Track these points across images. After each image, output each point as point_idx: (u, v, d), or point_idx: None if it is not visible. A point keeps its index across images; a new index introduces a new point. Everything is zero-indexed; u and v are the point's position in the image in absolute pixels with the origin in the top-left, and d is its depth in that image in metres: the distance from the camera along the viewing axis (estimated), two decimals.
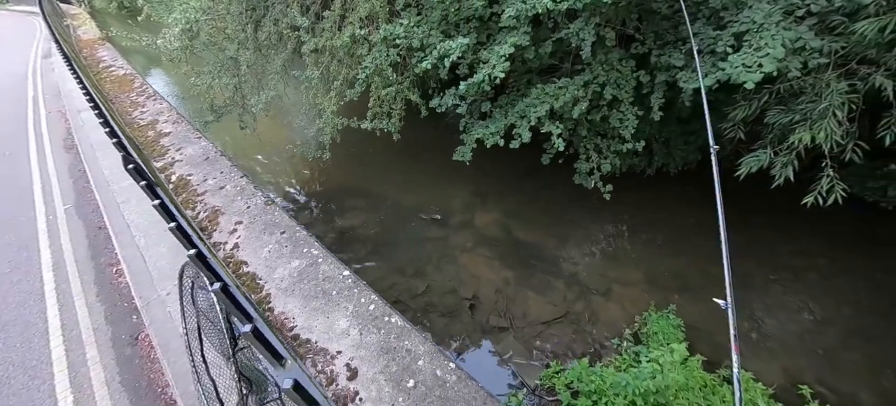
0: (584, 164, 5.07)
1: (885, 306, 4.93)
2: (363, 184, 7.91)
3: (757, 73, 2.76)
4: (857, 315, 4.92)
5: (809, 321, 4.94)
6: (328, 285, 4.07)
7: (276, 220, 4.82)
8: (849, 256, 5.54)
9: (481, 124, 4.97)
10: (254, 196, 5.13)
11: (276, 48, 6.62)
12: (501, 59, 3.64)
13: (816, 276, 5.45)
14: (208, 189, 5.27)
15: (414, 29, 4.12)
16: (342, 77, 5.89)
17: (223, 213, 4.82)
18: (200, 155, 6.06)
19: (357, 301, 3.92)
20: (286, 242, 4.54)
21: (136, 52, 16.30)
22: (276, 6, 6.14)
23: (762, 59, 2.79)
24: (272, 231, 4.67)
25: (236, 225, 4.68)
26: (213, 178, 5.46)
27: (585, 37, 3.66)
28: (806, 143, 3.47)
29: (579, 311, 5.19)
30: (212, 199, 5.09)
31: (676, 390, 3.45)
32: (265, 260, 4.30)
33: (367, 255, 6.36)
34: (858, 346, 4.55)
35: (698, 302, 5.16)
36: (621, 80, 4.22)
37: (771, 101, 3.82)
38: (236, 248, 4.40)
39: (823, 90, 3.40)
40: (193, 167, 5.76)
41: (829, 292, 5.21)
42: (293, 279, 4.11)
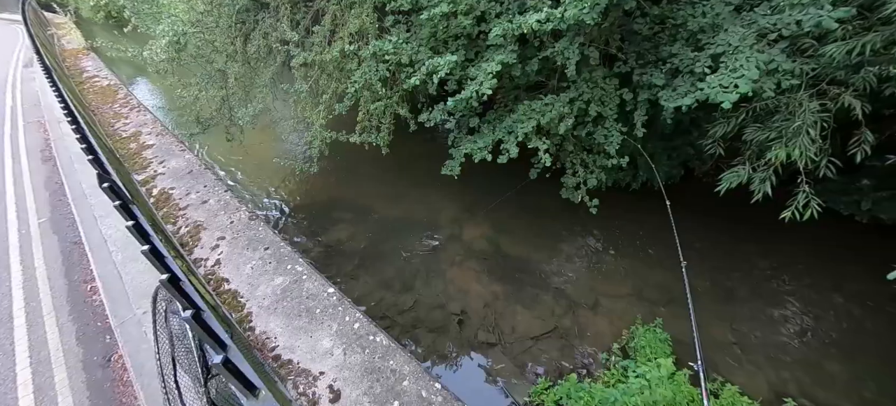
0: (571, 178, 5.13)
1: (861, 318, 5.05)
2: (349, 197, 7.85)
3: (733, 94, 2.86)
4: (835, 327, 5.03)
5: (791, 333, 5.02)
6: (312, 303, 3.98)
7: (260, 235, 4.71)
8: (826, 269, 5.68)
9: (469, 139, 5.01)
10: (238, 211, 5.02)
11: (265, 61, 6.61)
12: (488, 76, 3.70)
13: (796, 288, 5.56)
14: (191, 203, 5.13)
15: (403, 45, 4.17)
16: (331, 91, 5.90)
17: (205, 228, 4.68)
18: (184, 168, 5.93)
19: (341, 319, 3.84)
20: (270, 259, 4.44)
21: (122, 62, 16.07)
22: (266, 20, 6.16)
23: (738, 81, 2.90)
24: (256, 247, 4.56)
25: (219, 241, 4.54)
26: (196, 191, 5.32)
27: (570, 55, 3.76)
28: (782, 160, 3.58)
29: (568, 325, 5.18)
30: (194, 214, 4.94)
31: (664, 404, 3.44)
32: (248, 277, 4.19)
33: (354, 270, 6.27)
34: (838, 358, 4.64)
35: (683, 315, 5.20)
36: (605, 98, 4.32)
37: (748, 119, 3.96)
38: (218, 265, 4.26)
39: (797, 109, 3.54)
40: (176, 180, 5.61)
41: (808, 304, 5.32)
42: (276, 297, 4.01)
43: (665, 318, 4.90)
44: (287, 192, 8.15)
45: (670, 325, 4.83)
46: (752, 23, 3.18)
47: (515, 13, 4.09)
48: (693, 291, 5.55)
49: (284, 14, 5.71)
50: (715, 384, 4.13)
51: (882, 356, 4.57)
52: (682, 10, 3.87)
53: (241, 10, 6.23)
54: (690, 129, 5.59)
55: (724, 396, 3.82)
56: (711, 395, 3.98)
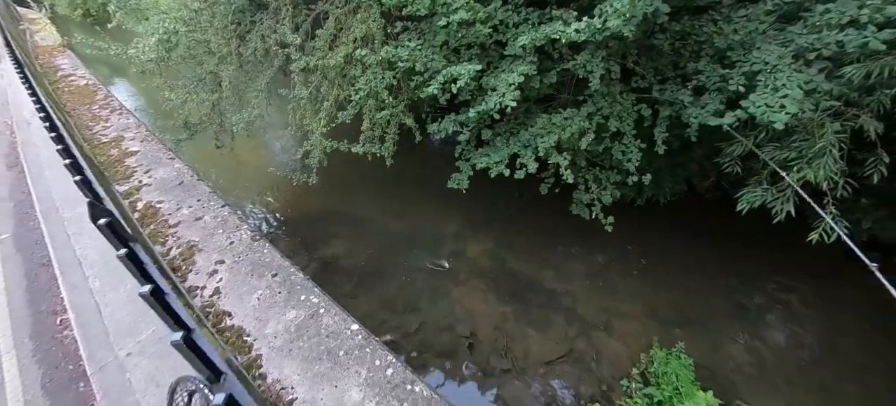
0: (585, 194, 4.97)
1: (868, 336, 5.01)
2: (345, 210, 7.49)
3: (782, 114, 2.74)
4: (846, 345, 4.96)
5: (804, 352, 4.94)
6: (333, 343, 3.38)
7: (266, 259, 4.15)
8: (831, 287, 5.66)
9: (481, 152, 4.79)
10: (238, 229, 4.50)
11: (262, 65, 6.25)
12: (511, 88, 3.49)
13: (804, 306, 5.51)
14: (182, 220, 4.58)
15: (417, 52, 3.93)
16: (332, 98, 5.60)
17: (200, 249, 4.13)
18: (173, 179, 5.41)
19: (371, 364, 3.24)
20: (279, 288, 3.82)
21: (99, 62, 15.27)
22: (265, 21, 5.83)
23: (784, 101, 2.78)
24: (262, 273, 3.96)
25: (217, 265, 3.97)
26: (188, 206, 4.79)
27: (594, 69, 3.60)
28: (809, 180, 3.48)
29: (582, 348, 4.96)
30: (187, 233, 4.39)
31: None
32: (254, 310, 3.58)
33: (353, 289, 5.91)
34: (852, 377, 4.56)
35: (700, 336, 5.07)
36: (623, 113, 4.18)
37: (765, 139, 3.90)
38: (217, 295, 3.68)
39: (816, 130, 3.48)
40: (165, 193, 5.08)
41: (817, 322, 5.27)
42: (290, 335, 3.39)
43: (683, 340, 4.74)
44: (278, 203, 7.73)
45: (689, 347, 4.67)
46: (788, 42, 3.08)
47: (535, 23, 3.91)
48: (707, 312, 5.47)
49: (286, 15, 5.40)
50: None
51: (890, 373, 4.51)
52: (707, 27, 3.77)
53: (237, 10, 5.89)
54: (694, 147, 5.55)
55: None
56: None
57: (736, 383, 4.48)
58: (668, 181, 5.93)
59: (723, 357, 4.84)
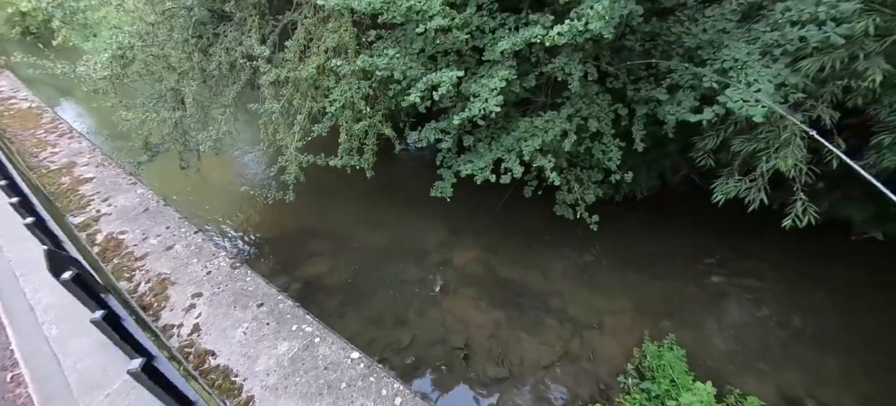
0: (568, 195, 5.00)
1: (840, 311, 5.31)
2: (324, 225, 7.22)
3: (759, 107, 2.84)
4: (823, 322, 5.23)
5: (785, 332, 5.15)
6: (333, 375, 3.10)
7: (249, 287, 3.75)
8: (802, 268, 5.96)
9: (464, 159, 4.73)
10: (215, 257, 4.11)
11: (227, 79, 5.93)
12: (493, 93, 3.45)
13: (782, 288, 5.78)
14: (150, 251, 4.14)
15: (395, 60, 3.82)
16: (306, 111, 5.38)
17: (174, 282, 3.72)
18: (137, 206, 4.94)
19: (376, 394, 2.99)
20: (267, 318, 3.49)
21: (42, 83, 14.12)
22: (229, 34, 5.53)
23: (758, 95, 2.89)
24: (246, 304, 3.61)
25: (194, 298, 3.55)
26: (156, 235, 4.35)
27: (573, 70, 3.63)
28: (782, 169, 3.64)
29: (577, 349, 4.97)
30: (156, 265, 3.96)
31: None
32: (241, 345, 3.24)
33: (339, 307, 5.67)
34: (831, 352, 4.80)
35: (686, 326, 5.20)
36: (601, 113, 4.25)
37: (733, 132, 4.07)
38: (197, 332, 3.30)
39: (779, 121, 3.67)
40: (128, 222, 4.62)
41: (794, 304, 5.53)
42: (284, 371, 3.09)
43: (672, 331, 4.84)
44: (253, 223, 7.35)
45: (678, 337, 4.77)
46: (754, 39, 3.22)
47: (512, 28, 3.90)
48: (691, 301, 5.62)
49: (252, 27, 5.15)
50: (733, 397, 4.05)
51: (868, 349, 4.79)
52: (675, 28, 3.89)
53: (199, 23, 5.56)
54: (667, 143, 5.75)
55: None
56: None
57: (724, 369, 4.61)
58: (643, 177, 6.10)
59: (709, 344, 4.97)
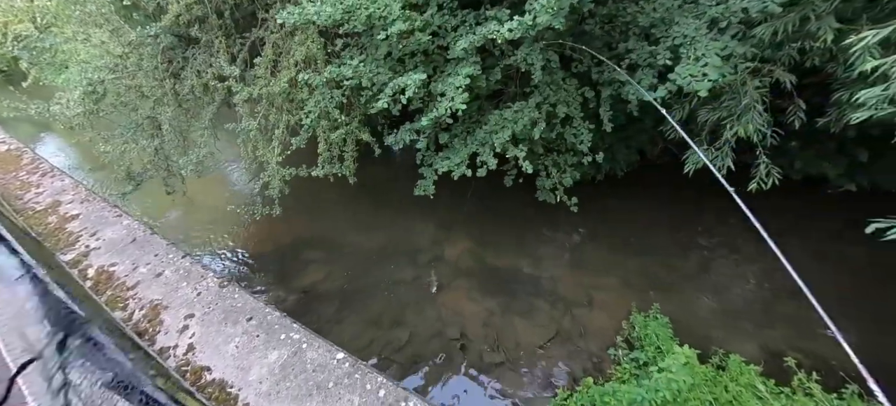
0: (547, 180, 5.12)
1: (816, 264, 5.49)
2: (316, 234, 7.31)
3: (706, 82, 2.94)
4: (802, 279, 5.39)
5: (764, 291, 5.33)
6: (321, 376, 3.32)
7: (238, 304, 3.96)
8: (784, 227, 6.12)
9: (441, 156, 4.82)
10: (204, 278, 4.27)
11: (202, 101, 5.96)
12: (459, 91, 3.53)
13: (763, 248, 5.94)
14: (141, 279, 4.29)
15: (361, 67, 3.88)
16: (283, 124, 5.43)
17: (166, 307, 3.89)
18: (124, 237, 5.04)
19: (361, 389, 3.24)
20: (257, 331, 3.70)
21: (19, 122, 13.97)
22: (198, 57, 5.54)
23: (705, 69, 2.99)
24: (236, 320, 3.81)
25: (187, 319, 3.75)
26: (145, 264, 4.49)
27: (534, 61, 3.71)
28: (743, 136, 3.77)
29: (568, 327, 5.13)
30: (148, 292, 4.12)
31: (687, 392, 3.44)
32: (234, 358, 3.46)
33: (337, 312, 5.80)
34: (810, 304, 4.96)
35: (672, 295, 5.37)
36: (569, 99, 4.34)
37: (699, 103, 4.19)
38: (191, 351, 3.51)
39: (740, 89, 3.79)
40: (117, 254, 4.73)
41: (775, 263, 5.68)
42: (275, 377, 3.31)
43: (658, 301, 5.00)
44: (244, 241, 7.42)
45: (664, 307, 4.93)
46: (701, 14, 3.31)
47: (472, 25, 3.96)
48: (675, 270, 5.78)
49: (219, 48, 5.16)
50: (717, 357, 4.22)
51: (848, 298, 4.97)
52: (630, 8, 3.97)
53: (166, 49, 5.56)
54: (642, 119, 5.86)
55: (731, 369, 3.90)
56: (718, 367, 4.07)
57: (709, 332, 4.78)
58: (622, 154, 6.23)
59: (695, 309, 5.15)
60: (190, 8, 4.79)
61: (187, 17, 4.92)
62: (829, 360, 4.27)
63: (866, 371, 1.49)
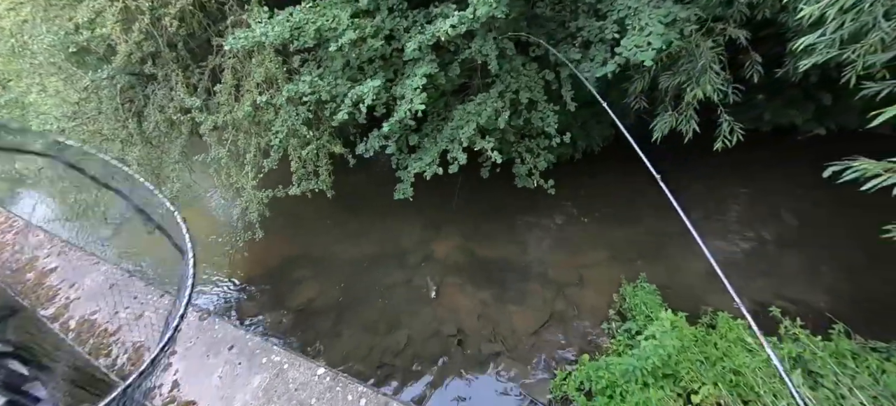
0: (522, 167, 5.14)
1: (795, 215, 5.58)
2: (305, 251, 7.27)
3: (650, 51, 2.97)
4: (783, 231, 5.50)
5: (748, 247, 5.41)
6: (304, 394, 3.40)
7: (218, 335, 4.01)
8: (760, 179, 6.22)
9: (414, 157, 4.81)
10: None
11: (169, 136, 5.87)
12: (416, 92, 3.51)
13: (743, 202, 6.04)
14: (123, 323, 4.28)
15: (318, 81, 3.84)
16: (253, 148, 5.37)
17: (149, 347, 3.91)
18: (103, 283, 5.00)
19: (343, 400, 3.32)
20: (238, 358, 3.77)
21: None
22: (158, 92, 5.44)
23: (649, 38, 3.01)
24: (218, 350, 3.85)
25: (169, 357, 3.82)
26: (125, 307, 4.48)
27: (489, 51, 3.70)
28: (699, 98, 3.80)
29: (562, 308, 5.17)
30: (131, 335, 4.12)
31: (677, 354, 3.49)
32: (218, 389, 3.51)
33: (334, 326, 5.78)
34: (794, 254, 5.07)
35: (659, 262, 5.44)
36: (531, 84, 4.35)
37: (659, 70, 4.21)
38: (177, 387, 3.56)
39: (695, 51, 3.82)
40: (97, 301, 4.70)
41: (753, 217, 5.78)
42: (260, 401, 3.39)
43: (644, 271, 5.05)
44: (232, 268, 7.35)
45: (651, 275, 4.99)
46: None
47: (423, 24, 3.94)
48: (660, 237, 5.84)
49: (177, 81, 5.08)
50: (707, 316, 4.28)
51: (827, 242, 5.07)
52: None
53: (124, 89, 5.46)
54: (608, 92, 5.87)
55: (720, 326, 3.97)
56: (709, 326, 4.13)
57: (698, 293, 4.85)
58: (595, 130, 6.26)
59: (682, 273, 5.22)
60: (140, 45, 4.69)
61: (139, 55, 4.83)
62: (813, 305, 4.37)
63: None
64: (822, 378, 3.27)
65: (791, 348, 3.55)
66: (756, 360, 3.45)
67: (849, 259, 4.72)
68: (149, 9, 4.48)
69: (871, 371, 3.15)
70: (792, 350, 3.50)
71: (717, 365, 3.52)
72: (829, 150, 2.95)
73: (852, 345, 3.44)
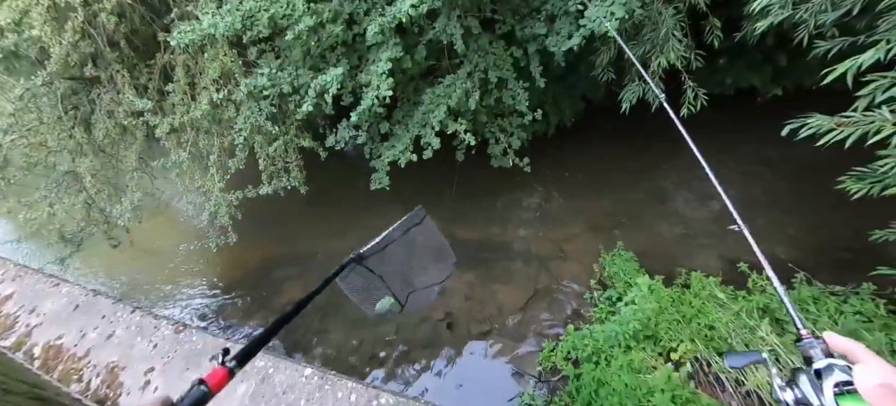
0: (496, 147, 5.10)
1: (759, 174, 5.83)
2: (285, 251, 7.08)
3: (613, 21, 2.94)
4: (747, 190, 5.73)
5: (719, 206, 5.62)
6: (293, 396, 3.34)
7: (197, 347, 3.85)
8: (726, 142, 6.42)
9: (387, 145, 4.68)
10: (158, 329, 4.08)
11: (123, 143, 5.49)
12: (383, 78, 3.38)
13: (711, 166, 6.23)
14: (92, 345, 4.04)
15: (278, 74, 3.63)
16: (217, 148, 5.10)
17: (123, 367, 3.69)
18: (66, 306, 4.70)
19: (333, 398, 3.28)
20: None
21: None
22: (104, 96, 5.05)
23: (612, 8, 2.98)
24: (198, 361, 3.67)
25: (147, 375, 3.58)
26: (94, 328, 4.22)
27: (454, 31, 3.59)
28: (664, 66, 3.84)
29: (546, 282, 5.27)
30: (101, 356, 3.89)
31: (656, 316, 3.62)
32: None
33: (321, 323, 5.70)
34: (760, 212, 5.31)
35: (635, 229, 5.59)
36: (499, 62, 4.27)
37: (625, 40, 4.21)
38: None
39: (658, 19, 3.83)
40: (61, 325, 4.42)
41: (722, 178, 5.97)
42: None
43: (622, 239, 5.19)
44: (209, 275, 7.09)
45: (628, 242, 5.13)
46: None
47: (383, 6, 3.76)
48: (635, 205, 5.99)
49: (124, 83, 4.71)
50: (682, 277, 4.45)
51: (789, 197, 5.33)
52: None
53: (66, 96, 5.03)
54: (577, 66, 5.87)
55: (694, 285, 4.13)
56: (683, 286, 4.30)
57: (673, 256, 5.03)
58: (567, 104, 6.27)
59: (657, 238, 5.39)
60: (76, 46, 4.29)
61: (77, 57, 4.42)
62: (778, 257, 4.61)
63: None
64: (787, 324, 3.48)
65: (758, 299, 3.75)
66: (728, 313, 3.62)
67: (809, 212, 4.98)
68: (81, 5, 4.07)
69: (830, 314, 3.37)
70: (760, 301, 3.70)
71: (692, 322, 3.67)
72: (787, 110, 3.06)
73: (813, 291, 3.65)
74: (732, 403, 3.26)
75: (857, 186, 2.86)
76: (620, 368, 3.38)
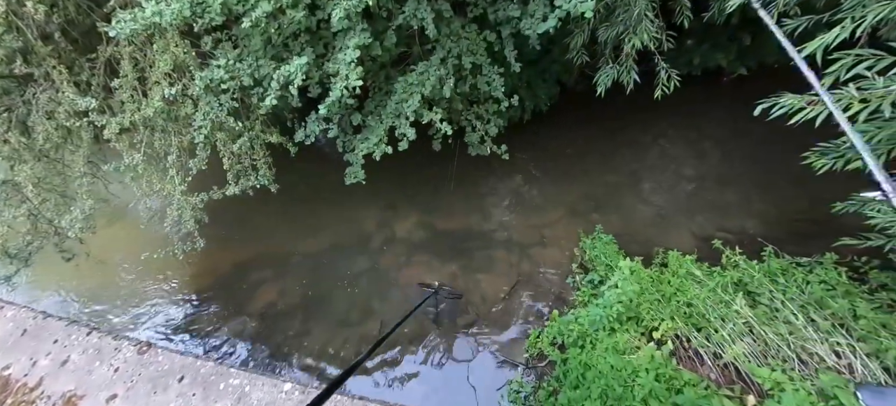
0: (473, 135, 5.00)
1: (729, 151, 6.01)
2: (259, 252, 6.77)
3: (590, 2, 2.85)
4: (717, 166, 5.91)
5: (692, 185, 5.77)
6: None
7: (164, 367, 3.56)
8: (696, 122, 6.59)
9: (360, 138, 4.48)
10: (119, 350, 3.75)
11: (67, 146, 5.01)
12: (351, 66, 3.17)
13: (681, 147, 6.39)
14: (45, 374, 3.67)
15: (237, 65, 3.35)
16: (175, 148, 4.72)
17: (82, 395, 3.35)
18: (12, 331, 4.27)
19: None
20: (192, 389, 3.35)
21: None
22: (40, 95, 4.55)
23: None
24: (166, 384, 3.38)
25: (110, 402, 3.29)
26: (45, 354, 3.84)
27: (424, 15, 3.41)
28: (637, 47, 3.82)
29: (528, 269, 5.28)
30: (56, 385, 3.54)
31: (638, 298, 3.67)
32: None
33: (303, 324, 5.51)
34: (731, 189, 5.48)
35: (612, 211, 5.67)
36: (472, 47, 4.13)
37: (598, 22, 4.17)
38: None
39: (631, 1, 3.79)
40: (7, 354, 3.99)
41: (692, 158, 6.15)
42: None
43: (600, 223, 5.24)
44: (178, 284, 6.69)
45: (607, 225, 5.19)
46: None
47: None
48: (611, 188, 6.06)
49: (62, 80, 4.25)
50: (660, 257, 4.54)
51: (756, 173, 5.52)
52: None
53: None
54: (551, 50, 5.80)
55: (671, 264, 4.22)
56: (662, 265, 4.38)
57: (650, 237, 5.13)
58: (541, 89, 6.22)
59: (634, 219, 5.49)
60: (0, 40, 3.80)
61: (3, 53, 3.94)
62: (748, 232, 4.79)
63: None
64: (759, 296, 3.62)
65: (732, 274, 3.88)
66: (704, 290, 3.72)
67: (776, 187, 5.19)
68: None
69: (798, 284, 3.51)
70: (733, 275, 3.82)
71: (672, 301, 3.76)
72: (752, 88, 3.11)
73: (781, 262, 3.80)
74: (711, 375, 3.37)
75: (821, 162, 2.95)
76: (606, 351, 3.41)
